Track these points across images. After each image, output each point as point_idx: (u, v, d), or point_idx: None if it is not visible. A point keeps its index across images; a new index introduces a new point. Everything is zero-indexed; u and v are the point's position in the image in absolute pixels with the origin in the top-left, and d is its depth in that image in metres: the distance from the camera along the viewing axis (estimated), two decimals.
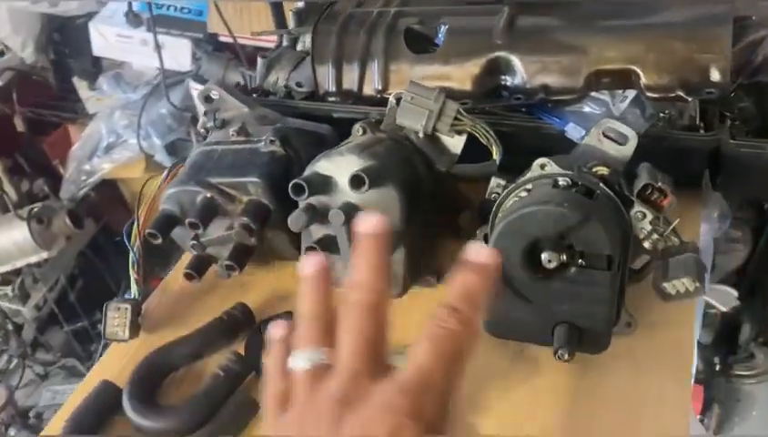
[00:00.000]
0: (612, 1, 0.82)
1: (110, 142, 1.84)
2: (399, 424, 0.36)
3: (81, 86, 1.90)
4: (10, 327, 2.01)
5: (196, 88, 1.61)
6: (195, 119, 1.59)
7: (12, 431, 1.77)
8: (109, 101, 1.88)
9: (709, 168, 0.81)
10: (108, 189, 1.98)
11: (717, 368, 1.86)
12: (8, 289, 1.83)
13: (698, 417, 1.73)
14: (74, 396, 0.72)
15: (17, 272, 1.85)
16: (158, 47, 1.54)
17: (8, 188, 1.88)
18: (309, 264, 0.43)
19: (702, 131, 0.79)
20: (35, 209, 1.74)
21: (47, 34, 1.93)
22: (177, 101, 1.71)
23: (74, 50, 1.91)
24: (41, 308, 1.96)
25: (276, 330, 0.44)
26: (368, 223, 0.42)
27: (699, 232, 0.81)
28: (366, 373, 0.39)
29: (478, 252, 0.43)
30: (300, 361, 0.41)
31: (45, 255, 1.79)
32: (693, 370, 1.51)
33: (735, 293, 1.76)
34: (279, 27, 1.41)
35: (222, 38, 1.67)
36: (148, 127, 1.77)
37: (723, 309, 1.79)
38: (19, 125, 1.93)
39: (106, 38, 1.78)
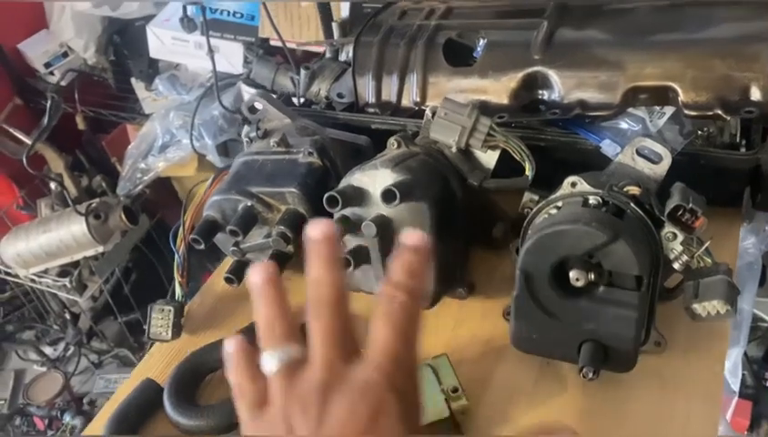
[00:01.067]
0: (651, 16, 0.81)
1: (165, 141, 1.90)
2: (379, 399, 0.40)
3: (139, 86, 1.97)
4: (68, 316, 2.11)
5: (247, 91, 1.66)
6: (245, 121, 1.64)
7: (67, 417, 1.86)
8: (165, 102, 1.94)
9: (750, 187, 0.80)
10: (163, 187, 2.05)
11: (767, 383, 1.81)
12: (66, 281, 1.91)
13: (745, 434, 1.69)
14: (119, 392, 0.76)
15: (75, 264, 1.93)
16: (211, 51, 1.58)
17: (69, 183, 1.97)
18: (256, 273, 0.47)
19: (743, 149, 0.78)
20: (93, 205, 1.82)
21: (108, 36, 2.01)
22: (229, 103, 1.75)
23: (132, 52, 1.98)
24: (97, 299, 2.04)
25: (230, 344, 0.46)
26: (317, 229, 0.46)
27: (736, 252, 0.80)
28: (339, 359, 0.42)
29: (410, 236, 0.47)
30: (271, 361, 0.43)
31: (101, 249, 1.86)
32: (737, 387, 1.48)
33: None
34: (327, 34, 1.43)
35: (273, 42, 1.71)
36: (201, 128, 1.82)
37: None
38: (80, 123, 2.01)
39: (163, 41, 1.85)
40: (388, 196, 0.68)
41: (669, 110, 0.78)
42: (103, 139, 2.10)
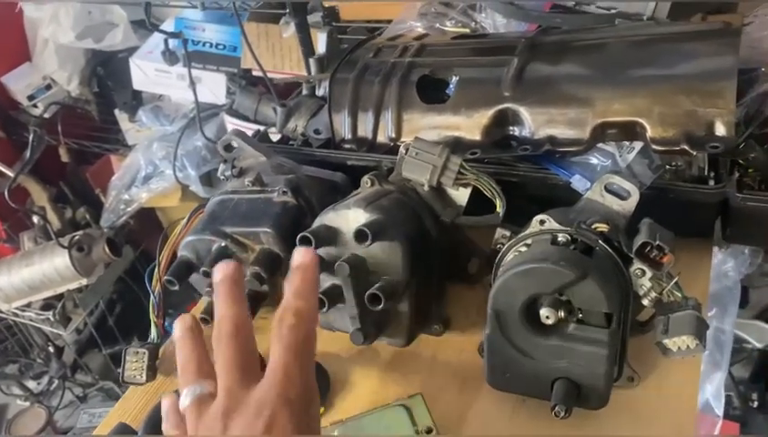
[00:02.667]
0: (620, 52, 0.83)
1: (148, 172, 1.90)
2: (272, 414, 0.46)
3: (122, 118, 1.98)
4: (51, 349, 2.10)
5: (230, 122, 1.67)
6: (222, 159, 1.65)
7: None
8: (148, 133, 1.95)
9: (720, 219, 0.81)
10: (147, 217, 2.05)
11: (755, 404, 1.82)
12: (50, 314, 1.90)
13: None
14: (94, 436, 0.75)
15: (59, 297, 1.92)
16: (193, 83, 1.59)
17: (52, 216, 1.96)
18: (178, 328, 0.53)
19: (712, 182, 0.79)
20: (76, 237, 1.81)
21: (92, 68, 2.03)
22: (212, 133, 1.76)
23: (116, 83, 1.99)
24: (81, 331, 2.03)
25: (166, 402, 0.53)
26: (220, 271, 0.53)
27: (708, 283, 0.81)
28: (239, 385, 0.48)
29: (297, 254, 0.54)
30: (184, 399, 0.49)
31: (84, 281, 1.86)
32: (721, 411, 1.48)
33: None
34: (309, 64, 1.45)
35: (256, 73, 1.72)
36: (184, 159, 1.83)
37: (759, 345, 1.76)
38: (63, 155, 2.01)
39: (146, 73, 1.86)
40: (360, 236, 0.69)
41: (638, 145, 0.80)
42: (87, 171, 2.10)
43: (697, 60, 0.78)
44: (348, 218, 0.73)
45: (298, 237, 0.71)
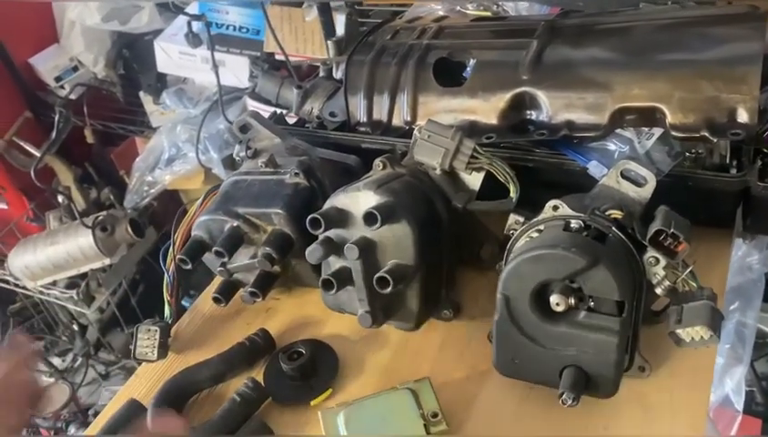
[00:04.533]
0: (640, 36, 0.81)
1: (171, 155, 1.92)
2: None
3: (147, 100, 1.99)
4: (75, 327, 2.13)
5: (252, 105, 1.67)
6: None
7: (72, 429, 1.87)
8: (172, 115, 1.96)
9: (742, 207, 0.79)
10: (170, 199, 2.06)
11: None
12: (74, 293, 1.93)
13: None
14: (104, 413, 0.76)
15: (83, 276, 1.95)
16: (215, 66, 1.60)
17: (77, 196, 1.99)
18: None
19: (733, 170, 0.77)
20: (100, 218, 1.83)
21: (117, 50, 2.04)
22: (235, 117, 1.76)
23: (141, 66, 2.00)
24: (104, 311, 2.06)
25: None
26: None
27: (726, 274, 0.79)
28: None
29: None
30: None
31: (108, 261, 1.88)
32: (741, 406, 1.45)
33: None
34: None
35: (278, 56, 1.72)
36: (207, 142, 1.83)
37: None
38: (89, 136, 2.03)
39: (170, 55, 1.87)
40: (369, 218, 0.69)
41: (657, 131, 0.78)
42: (112, 152, 2.12)
43: (721, 45, 0.75)
44: (359, 200, 0.72)
45: (308, 219, 0.71)
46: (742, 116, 0.72)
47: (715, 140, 0.73)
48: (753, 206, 0.75)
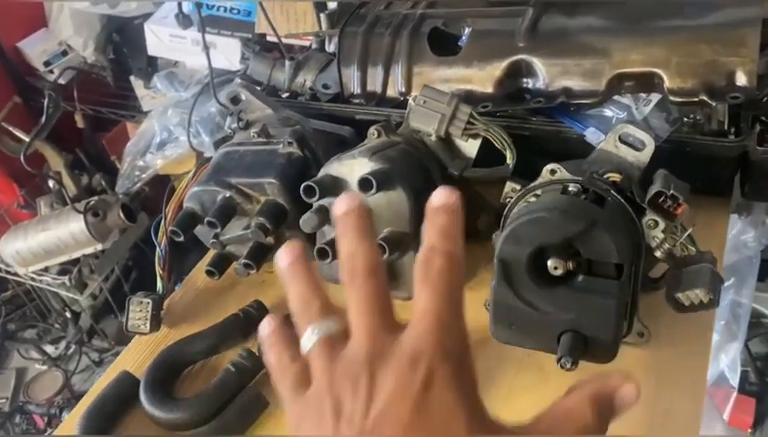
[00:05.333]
0: (637, 1, 0.80)
1: (163, 139, 1.89)
2: (430, 368, 0.37)
3: (138, 84, 1.97)
4: (68, 315, 2.12)
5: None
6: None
7: (65, 415, 1.86)
8: (163, 99, 1.94)
9: (739, 175, 0.78)
10: (161, 184, 2.04)
11: None
12: (66, 279, 1.91)
13: (748, 431, 1.66)
14: (97, 385, 0.75)
15: (75, 262, 1.93)
16: (206, 48, 1.57)
17: (68, 181, 1.97)
18: (285, 255, 0.43)
19: (732, 136, 0.76)
20: (91, 203, 1.82)
21: (107, 34, 2.01)
22: (226, 99, 1.75)
23: (132, 49, 1.98)
24: (97, 297, 2.05)
25: (265, 326, 0.44)
26: (344, 203, 0.44)
27: (724, 242, 0.78)
28: (383, 329, 0.39)
29: (439, 194, 0.45)
30: (310, 338, 0.40)
31: (100, 246, 1.86)
32: (736, 382, 1.45)
33: None
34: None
35: (270, 38, 1.70)
36: (198, 125, 1.81)
37: None
38: (79, 121, 2.01)
39: (160, 38, 1.84)
40: (364, 184, 0.67)
41: (655, 97, 0.77)
42: (103, 137, 2.10)
43: (719, 8, 0.74)
44: (354, 167, 0.71)
45: (302, 186, 0.70)
46: (741, 79, 0.71)
47: (714, 104, 0.72)
48: (752, 171, 0.74)
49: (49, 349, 2.19)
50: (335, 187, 0.72)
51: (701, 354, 0.69)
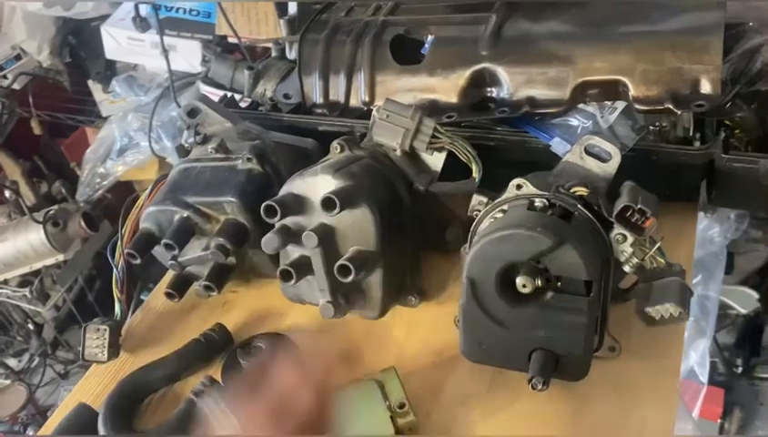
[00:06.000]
0: (602, 8, 0.79)
1: (123, 145, 1.84)
2: None
3: (96, 88, 1.91)
4: (31, 327, 2.05)
5: (205, 90, 1.62)
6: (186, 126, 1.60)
7: (30, 431, 1.81)
8: (123, 103, 1.89)
9: (706, 181, 0.78)
10: (124, 191, 1.99)
11: (739, 370, 1.81)
12: (27, 291, 1.86)
13: (718, 421, 1.68)
14: (53, 418, 0.72)
15: (36, 274, 1.88)
16: (165, 51, 1.54)
17: (26, 190, 1.91)
18: None
19: (697, 143, 0.76)
20: (51, 212, 1.76)
21: (62, 37, 1.95)
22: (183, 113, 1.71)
23: (89, 53, 1.92)
24: (60, 308, 1.99)
25: None
26: None
27: (693, 248, 0.78)
28: None
29: None
30: None
31: (61, 257, 1.81)
32: (706, 378, 1.46)
33: (756, 295, 1.70)
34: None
35: (231, 39, 1.67)
36: (159, 130, 1.77)
37: (743, 311, 1.74)
38: (36, 128, 1.95)
39: (118, 41, 1.79)
40: (328, 204, 0.65)
41: (620, 105, 0.76)
42: (61, 143, 2.04)
43: (683, 15, 0.74)
44: (317, 185, 0.69)
45: (263, 206, 0.68)
46: (706, 87, 0.70)
47: (679, 112, 0.71)
48: (718, 178, 0.74)
49: (11, 362, 2.13)
50: (298, 205, 0.69)
51: (672, 366, 0.68)
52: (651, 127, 0.75)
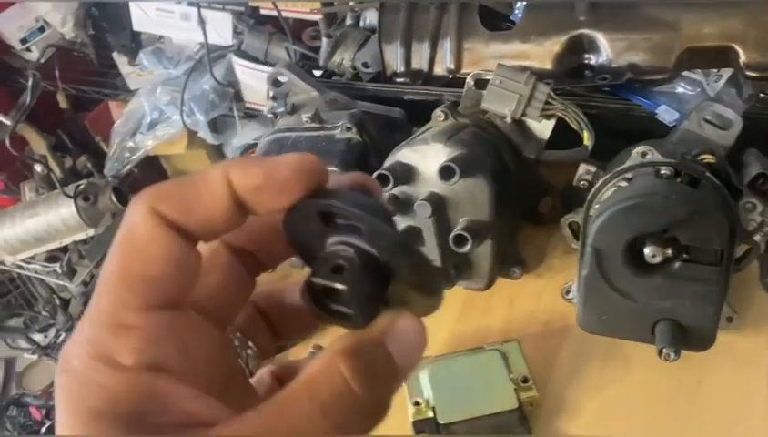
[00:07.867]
0: None
1: (153, 118, 1.81)
2: None
3: (121, 61, 1.87)
4: (57, 302, 2.03)
5: (237, 63, 1.58)
6: (238, 95, 1.57)
7: None
8: (150, 77, 1.85)
9: None
10: (152, 166, 1.96)
11: None
12: (56, 266, 1.83)
13: None
14: None
15: (64, 249, 1.85)
16: (202, 21, 1.51)
17: (53, 165, 1.87)
18: None
19: None
20: (81, 187, 1.73)
21: (86, 8, 1.91)
22: (219, 76, 1.67)
23: (112, 25, 1.88)
24: (87, 284, 1.97)
25: None
26: None
27: None
28: None
29: None
30: None
31: (91, 232, 1.78)
32: None
33: None
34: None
35: (264, 11, 1.63)
36: (191, 103, 1.74)
37: None
38: (62, 102, 1.91)
39: (147, 13, 1.75)
40: (446, 172, 0.64)
41: (726, 72, 0.74)
42: (85, 118, 2.00)
43: None
44: (427, 154, 0.67)
45: (375, 175, 0.66)
46: None
47: None
48: None
49: (38, 337, 2.11)
50: (406, 174, 0.68)
51: None
52: (761, 95, 0.74)
